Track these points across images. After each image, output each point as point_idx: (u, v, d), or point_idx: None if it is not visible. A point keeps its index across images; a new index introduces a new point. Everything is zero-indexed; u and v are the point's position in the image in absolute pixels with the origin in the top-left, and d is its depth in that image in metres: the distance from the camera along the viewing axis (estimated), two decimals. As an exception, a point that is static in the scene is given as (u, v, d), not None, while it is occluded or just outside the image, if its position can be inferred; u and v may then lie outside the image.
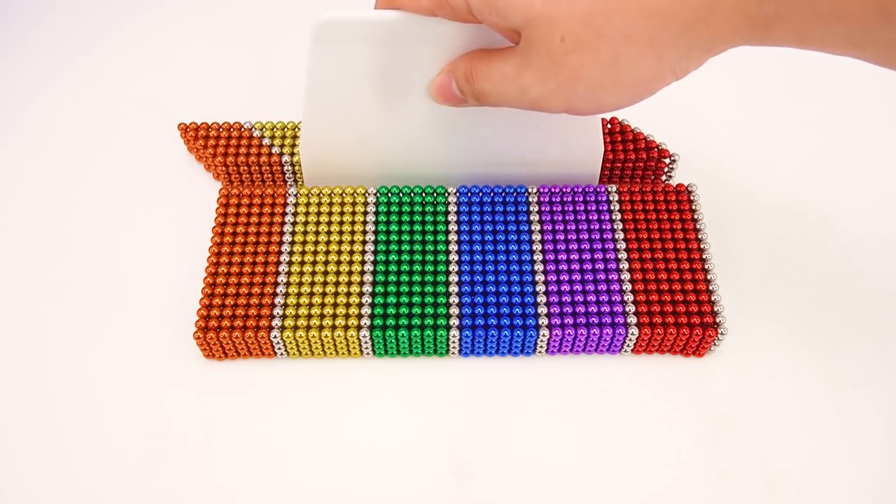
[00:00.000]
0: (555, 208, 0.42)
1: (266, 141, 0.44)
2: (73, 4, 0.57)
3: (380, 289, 0.39)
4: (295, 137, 0.45)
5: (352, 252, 0.40)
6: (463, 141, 0.42)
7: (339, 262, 0.40)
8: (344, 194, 0.42)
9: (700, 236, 0.41)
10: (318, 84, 0.39)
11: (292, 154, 0.44)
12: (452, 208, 0.42)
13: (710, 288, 0.39)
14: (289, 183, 0.45)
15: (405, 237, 0.41)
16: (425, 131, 0.41)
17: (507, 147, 0.42)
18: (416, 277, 0.39)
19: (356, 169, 0.43)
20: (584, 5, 0.30)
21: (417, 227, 0.41)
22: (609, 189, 0.42)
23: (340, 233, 0.41)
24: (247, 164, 0.44)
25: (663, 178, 0.45)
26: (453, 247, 0.40)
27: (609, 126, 0.45)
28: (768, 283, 0.42)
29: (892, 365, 0.39)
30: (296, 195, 0.42)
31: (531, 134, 0.41)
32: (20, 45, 0.54)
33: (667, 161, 0.44)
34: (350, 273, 0.39)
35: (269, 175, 0.45)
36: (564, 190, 0.42)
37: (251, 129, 0.45)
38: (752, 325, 0.40)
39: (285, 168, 0.44)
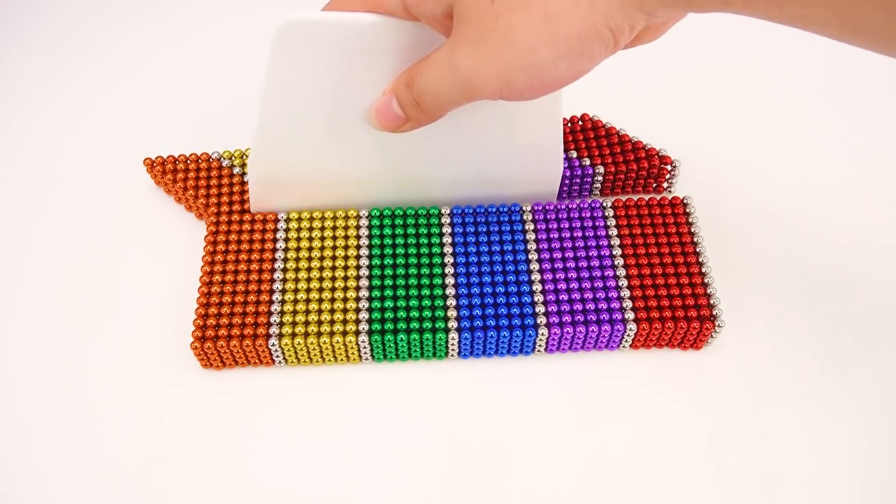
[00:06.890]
0: (550, 225, 0.41)
1: (237, 170, 0.43)
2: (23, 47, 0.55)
3: (377, 293, 0.39)
4: None
5: (346, 257, 0.40)
6: (413, 165, 0.41)
7: (334, 268, 0.40)
8: (336, 217, 0.42)
9: (693, 230, 0.41)
10: (275, 92, 0.36)
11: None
12: (447, 229, 0.41)
13: (706, 281, 0.39)
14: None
15: (399, 240, 0.41)
16: (375, 155, 0.40)
17: (459, 169, 0.41)
18: (413, 281, 0.39)
19: (305, 191, 0.41)
20: None
21: (412, 237, 0.41)
22: (604, 204, 0.42)
23: (335, 238, 0.41)
24: (218, 194, 0.43)
25: (665, 185, 0.45)
26: (448, 248, 0.40)
27: (607, 138, 0.44)
28: (763, 274, 0.42)
29: (886, 353, 0.39)
30: (286, 220, 0.41)
31: (485, 153, 0.40)
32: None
33: (668, 168, 0.44)
34: (346, 278, 0.39)
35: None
36: (559, 207, 0.42)
37: (220, 159, 0.44)
38: (748, 317, 0.41)
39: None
